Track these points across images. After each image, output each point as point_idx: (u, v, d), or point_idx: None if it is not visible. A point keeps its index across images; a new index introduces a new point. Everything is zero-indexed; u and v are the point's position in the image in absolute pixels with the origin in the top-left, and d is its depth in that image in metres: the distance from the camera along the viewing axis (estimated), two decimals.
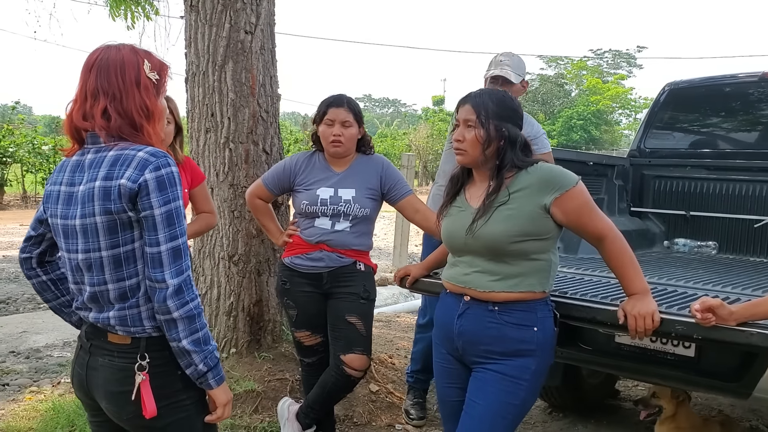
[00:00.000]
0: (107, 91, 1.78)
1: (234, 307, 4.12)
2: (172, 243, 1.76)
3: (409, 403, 4.12)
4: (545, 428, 4.10)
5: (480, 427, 2.29)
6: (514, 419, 2.33)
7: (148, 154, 1.76)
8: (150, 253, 1.75)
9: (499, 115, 2.30)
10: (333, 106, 3.18)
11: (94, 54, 1.83)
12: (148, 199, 1.74)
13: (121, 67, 1.80)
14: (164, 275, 1.74)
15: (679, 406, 3.42)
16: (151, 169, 1.74)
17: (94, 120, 1.79)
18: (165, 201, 1.75)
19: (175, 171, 1.79)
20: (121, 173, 1.73)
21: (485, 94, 2.37)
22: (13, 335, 5.74)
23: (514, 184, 2.27)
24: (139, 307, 1.81)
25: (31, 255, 2.00)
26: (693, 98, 4.95)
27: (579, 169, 2.67)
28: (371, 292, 3.28)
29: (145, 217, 1.75)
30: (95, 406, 1.93)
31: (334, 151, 3.20)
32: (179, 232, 1.78)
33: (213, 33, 4.02)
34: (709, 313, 2.19)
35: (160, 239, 1.75)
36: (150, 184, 1.73)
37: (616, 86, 50.24)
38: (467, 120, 2.32)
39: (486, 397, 2.29)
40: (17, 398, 4.21)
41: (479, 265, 2.31)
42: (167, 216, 1.75)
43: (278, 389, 3.90)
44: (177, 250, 1.77)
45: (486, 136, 2.28)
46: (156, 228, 1.75)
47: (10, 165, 18.24)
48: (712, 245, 4.48)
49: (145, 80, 1.82)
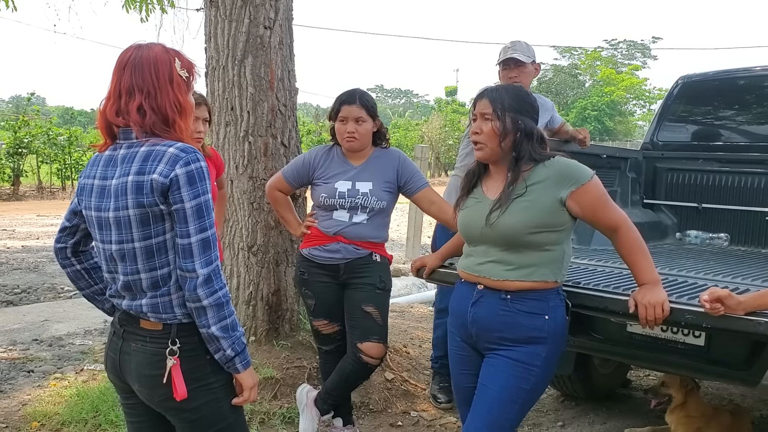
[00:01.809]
0: (142, 88, 1.86)
1: (253, 296, 4.22)
2: (201, 235, 1.84)
3: (435, 387, 4.22)
4: (557, 416, 4.17)
5: (490, 410, 2.36)
6: (524, 404, 2.40)
7: (179, 149, 1.84)
8: (181, 245, 1.84)
9: (515, 108, 2.37)
10: (345, 104, 3.25)
11: (127, 53, 1.91)
12: (179, 193, 1.82)
13: (155, 65, 1.88)
14: (194, 265, 1.83)
15: (688, 395, 3.48)
16: (182, 164, 1.82)
17: (129, 116, 1.87)
18: (195, 195, 1.83)
19: (204, 166, 1.87)
20: (153, 168, 1.82)
21: (501, 88, 2.45)
22: (36, 324, 5.86)
23: (531, 177, 2.34)
24: (171, 295, 1.89)
25: (65, 245, 2.08)
26: (706, 91, 4.97)
27: (592, 161, 2.73)
28: (387, 282, 3.36)
29: (176, 210, 1.83)
30: (127, 389, 2.02)
31: (348, 146, 3.28)
32: (208, 224, 1.86)
33: (232, 28, 4.10)
34: (717, 303, 2.25)
35: (191, 231, 1.83)
36: (180, 179, 1.82)
37: (631, 77, 49.88)
38: (484, 113, 2.39)
39: (497, 382, 2.36)
40: (42, 384, 4.32)
41: (494, 255, 2.38)
42: (197, 209, 1.84)
43: (296, 376, 4.00)
44: (206, 241, 1.85)
45: (502, 128, 2.34)
46: (186, 220, 1.83)
47: (25, 156, 18.38)
48: (724, 237, 4.51)
49: (177, 78, 1.91)
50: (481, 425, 2.37)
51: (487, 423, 2.36)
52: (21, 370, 4.61)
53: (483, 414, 2.37)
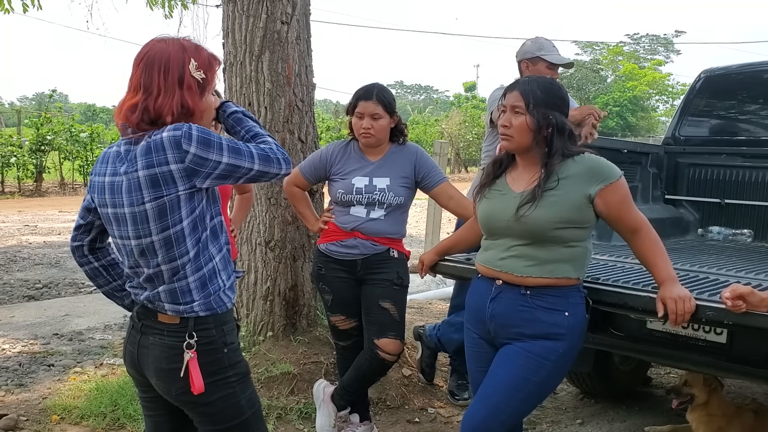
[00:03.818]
0: (148, 87, 1.85)
1: (270, 291, 4.22)
2: (255, 158, 1.94)
3: (453, 384, 4.21)
4: (576, 414, 4.14)
5: (493, 394, 2.34)
6: (530, 395, 2.36)
7: (171, 131, 1.83)
8: (254, 176, 1.97)
9: (546, 102, 2.34)
10: (362, 99, 3.23)
11: (144, 49, 1.90)
12: (211, 160, 1.84)
13: (165, 65, 1.86)
14: (273, 173, 2.00)
15: (711, 394, 3.43)
16: (186, 141, 1.81)
17: (123, 112, 1.88)
18: (219, 147, 1.86)
19: (198, 126, 1.87)
20: (161, 159, 1.81)
21: (533, 81, 2.42)
22: (56, 318, 5.93)
23: (561, 172, 2.32)
24: (187, 278, 1.89)
25: (82, 243, 2.08)
26: (729, 85, 4.89)
27: (613, 156, 2.68)
28: (404, 278, 3.35)
29: (223, 170, 1.88)
30: (145, 383, 2.03)
31: (364, 142, 3.27)
32: (245, 147, 1.93)
33: (250, 23, 4.09)
34: (739, 300, 2.21)
35: (248, 166, 1.93)
36: (200, 152, 1.82)
37: (653, 72, 49.32)
38: (515, 106, 2.35)
39: (507, 370, 2.35)
40: (62, 378, 4.37)
41: (516, 249, 2.36)
42: (232, 152, 1.89)
43: (313, 372, 3.99)
44: (262, 156, 1.95)
45: (535, 124, 2.32)
46: (237, 165, 1.90)
47: (48, 152, 18.57)
48: (747, 233, 4.45)
49: (189, 79, 1.88)
50: (480, 407, 2.36)
51: (488, 406, 2.34)
52: (42, 364, 4.66)
53: (485, 397, 2.36)
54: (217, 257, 1.96)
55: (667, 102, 50.53)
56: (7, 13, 7.00)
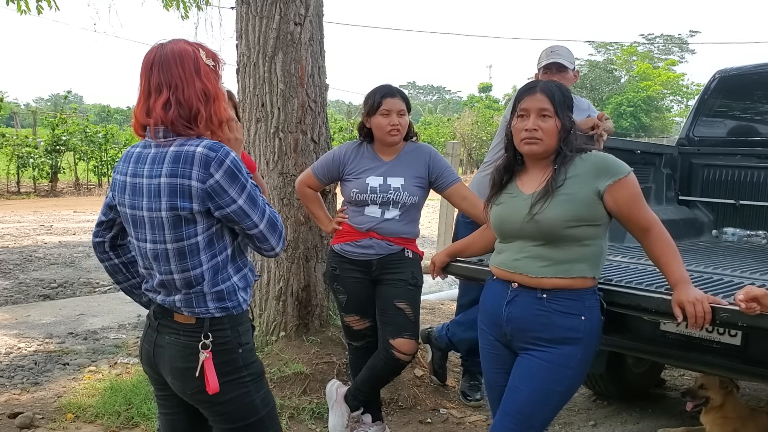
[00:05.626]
0: (170, 83, 1.88)
1: (283, 291, 4.24)
2: (264, 219, 1.94)
3: (465, 385, 4.21)
4: (589, 415, 4.12)
5: (521, 410, 2.34)
6: (557, 405, 2.38)
7: (206, 148, 1.85)
8: (253, 234, 1.94)
9: (566, 104, 2.38)
10: (388, 96, 3.24)
11: (151, 53, 1.92)
12: (228, 196, 1.86)
13: (180, 58, 1.89)
14: (271, 245, 1.97)
15: (726, 396, 3.41)
16: (216, 166, 1.83)
17: (156, 113, 1.88)
18: (241, 188, 1.88)
19: (235, 155, 1.89)
20: (186, 172, 1.83)
21: (552, 84, 2.44)
22: (71, 317, 5.97)
23: (570, 170, 2.33)
24: (204, 292, 1.92)
25: (103, 239, 2.11)
26: (744, 86, 4.86)
27: (626, 157, 2.67)
28: (419, 278, 3.35)
29: (233, 211, 1.88)
30: (161, 381, 2.05)
31: (391, 140, 3.26)
32: (262, 203, 1.94)
33: (263, 25, 4.11)
34: (753, 302, 2.20)
35: (256, 221, 1.91)
36: (222, 183, 1.84)
37: (667, 72, 49.02)
38: (542, 109, 2.34)
39: (530, 384, 2.34)
40: (77, 377, 4.40)
41: (530, 251, 2.36)
42: (250, 200, 1.90)
43: (326, 372, 4.00)
44: (270, 221, 1.96)
45: (562, 126, 2.34)
46: (247, 214, 1.89)
47: (63, 153, 18.74)
48: (762, 235, 4.41)
49: (204, 67, 1.92)
50: (510, 423, 2.35)
51: (517, 422, 2.34)
52: (57, 363, 4.70)
53: (513, 413, 2.35)
54: (236, 277, 1.99)
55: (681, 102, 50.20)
56: (23, 14, 7.08)
